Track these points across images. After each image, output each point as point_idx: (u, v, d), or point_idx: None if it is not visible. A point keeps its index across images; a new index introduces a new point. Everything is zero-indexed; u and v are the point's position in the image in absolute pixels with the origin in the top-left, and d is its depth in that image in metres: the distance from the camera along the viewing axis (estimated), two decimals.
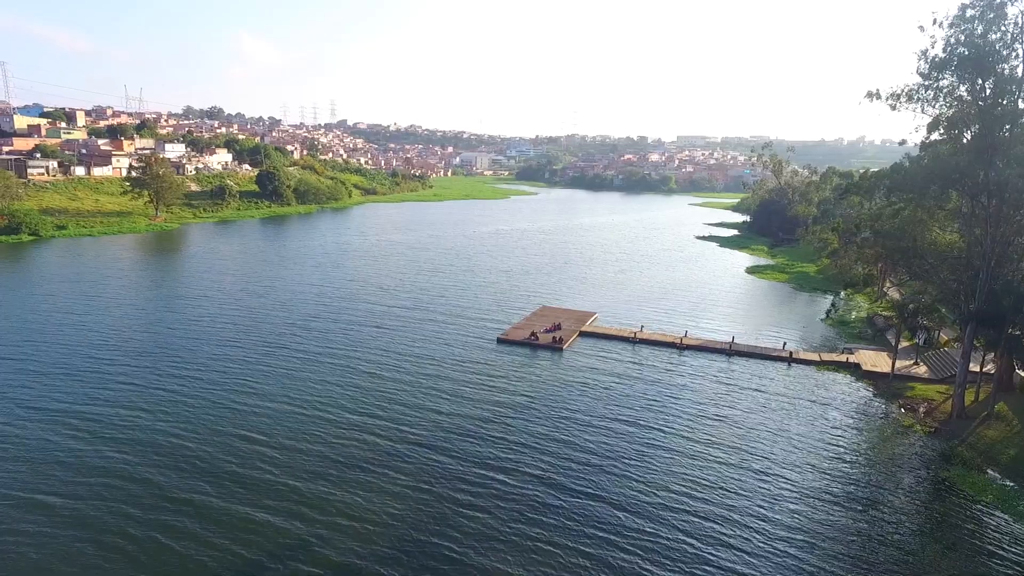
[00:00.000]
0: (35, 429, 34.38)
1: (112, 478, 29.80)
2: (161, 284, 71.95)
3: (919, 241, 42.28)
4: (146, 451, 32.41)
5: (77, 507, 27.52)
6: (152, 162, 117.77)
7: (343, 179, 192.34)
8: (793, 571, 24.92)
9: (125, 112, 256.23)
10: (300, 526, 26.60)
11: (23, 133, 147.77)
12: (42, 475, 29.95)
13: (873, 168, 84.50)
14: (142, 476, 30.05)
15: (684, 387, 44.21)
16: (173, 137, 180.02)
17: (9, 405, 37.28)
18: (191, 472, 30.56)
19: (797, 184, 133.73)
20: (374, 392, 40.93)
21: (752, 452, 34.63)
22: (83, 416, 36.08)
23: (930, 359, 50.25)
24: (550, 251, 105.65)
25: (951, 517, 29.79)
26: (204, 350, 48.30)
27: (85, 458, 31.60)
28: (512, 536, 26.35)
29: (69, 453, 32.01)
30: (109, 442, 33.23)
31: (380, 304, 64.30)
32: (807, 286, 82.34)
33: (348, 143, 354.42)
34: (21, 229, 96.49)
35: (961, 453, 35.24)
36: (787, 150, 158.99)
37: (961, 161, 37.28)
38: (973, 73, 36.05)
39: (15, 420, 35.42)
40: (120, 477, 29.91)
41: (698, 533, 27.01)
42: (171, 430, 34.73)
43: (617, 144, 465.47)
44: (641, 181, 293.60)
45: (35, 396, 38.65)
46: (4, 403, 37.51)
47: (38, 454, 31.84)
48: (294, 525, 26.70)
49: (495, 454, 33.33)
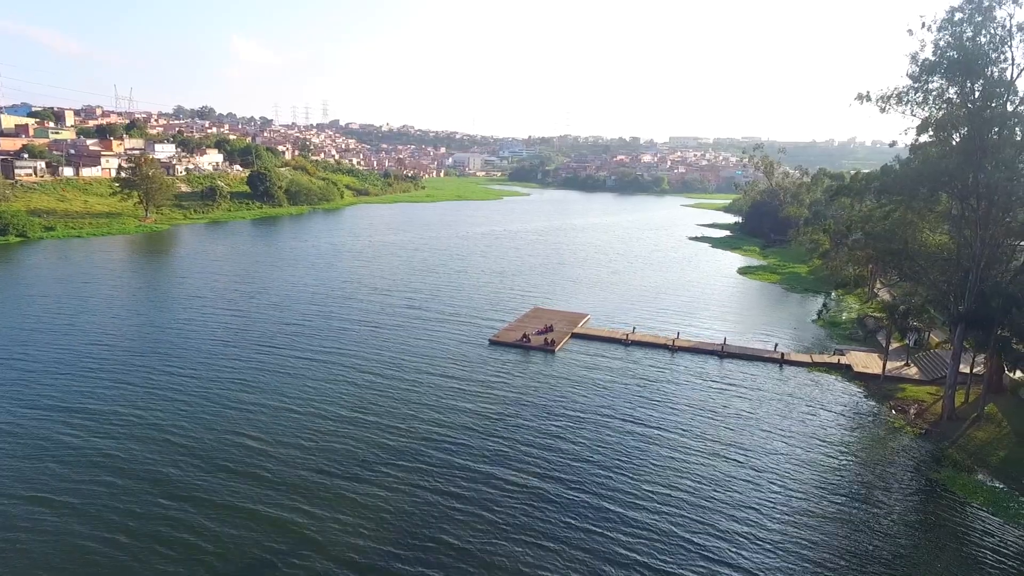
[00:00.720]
0: (33, 427, 34.79)
1: (111, 474, 30.28)
2: (153, 285, 71.47)
3: (910, 243, 42.42)
4: (143, 448, 32.80)
5: (77, 503, 27.87)
6: (142, 163, 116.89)
7: (335, 180, 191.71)
8: (782, 572, 24.89)
9: (115, 112, 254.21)
10: (297, 520, 26.93)
11: (10, 133, 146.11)
12: (42, 471, 30.34)
13: (864, 169, 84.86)
14: (141, 472, 30.50)
15: (676, 389, 44.17)
16: (163, 137, 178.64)
17: (6, 403, 37.66)
18: (189, 468, 30.95)
19: (788, 185, 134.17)
20: (366, 393, 40.73)
21: (744, 453, 34.61)
22: (80, 414, 36.57)
23: (920, 360, 50.47)
24: (543, 252, 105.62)
25: (942, 519, 29.87)
26: (198, 349, 48.43)
27: (84, 455, 32.02)
28: (510, 534, 26.26)
29: (68, 450, 32.42)
30: (107, 439, 33.66)
31: (373, 305, 64.09)
32: (798, 287, 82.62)
33: (340, 143, 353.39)
34: (8, 231, 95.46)
35: (951, 455, 35.37)
36: (778, 151, 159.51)
37: (950, 164, 37.41)
38: (962, 76, 36.15)
39: (13, 418, 35.78)
40: (120, 473, 30.37)
41: (685, 532, 26.92)
42: (167, 427, 35.21)
43: (610, 145, 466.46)
44: (634, 182, 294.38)
45: (33, 395, 39.05)
46: (2, 401, 37.93)
47: (37, 451, 32.22)
48: (292, 519, 27.11)
49: (485, 457, 33.12)
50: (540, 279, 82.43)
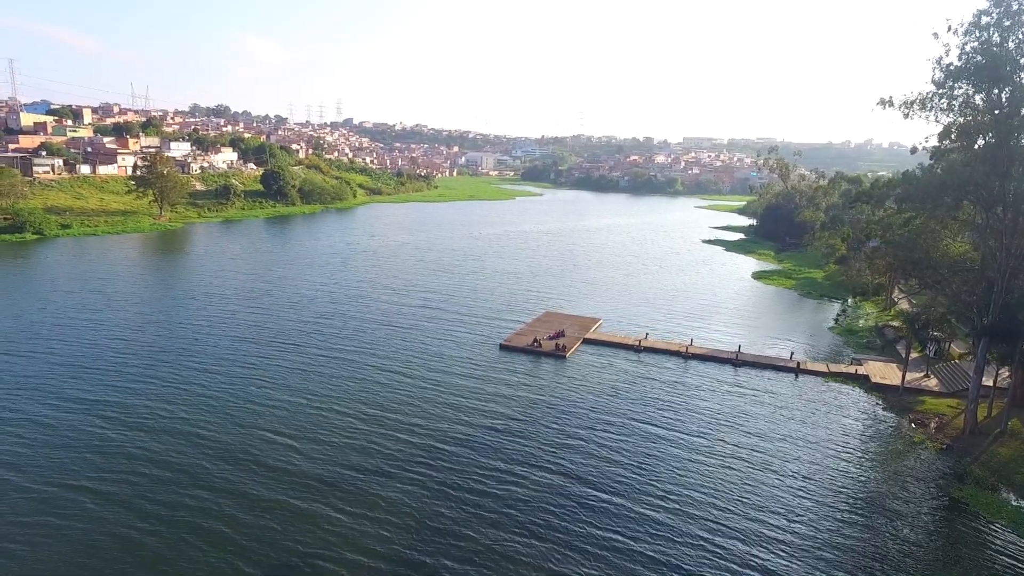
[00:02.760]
0: (68, 419, 36.04)
1: (145, 465, 31.47)
2: (172, 283, 72.62)
3: (932, 252, 41.39)
4: (174, 441, 34.04)
5: (115, 491, 29.15)
6: (157, 161, 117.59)
7: (348, 179, 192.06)
8: None
9: (132, 110, 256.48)
10: (326, 514, 27.97)
11: (29, 131, 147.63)
12: (81, 462, 31.57)
13: (881, 172, 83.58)
14: (174, 464, 31.67)
15: (690, 398, 43.41)
16: (179, 135, 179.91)
17: (40, 396, 39.02)
18: (218, 460, 32.20)
19: (804, 188, 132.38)
20: (383, 393, 41.26)
21: (759, 466, 33.89)
22: (112, 407, 37.80)
23: (941, 372, 49.33)
24: (557, 253, 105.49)
25: (963, 539, 28.99)
26: (220, 345, 50.51)
27: (119, 446, 33.28)
28: (535, 531, 26.31)
29: (103, 441, 33.68)
30: (139, 431, 34.97)
31: (389, 305, 65.17)
32: (814, 292, 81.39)
33: (353, 142, 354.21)
34: (26, 228, 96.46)
35: (974, 471, 34.41)
36: (794, 154, 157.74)
37: (976, 172, 36.36)
38: (989, 82, 35.14)
39: (49, 410, 37.11)
40: (154, 465, 31.50)
41: (700, 547, 26.31)
42: (195, 421, 36.45)
43: (623, 145, 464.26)
44: (647, 183, 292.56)
45: (64, 388, 40.34)
46: (38, 394, 39.24)
47: (74, 442, 33.49)
48: (320, 512, 28.09)
49: (494, 464, 32.73)
50: (556, 280, 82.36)
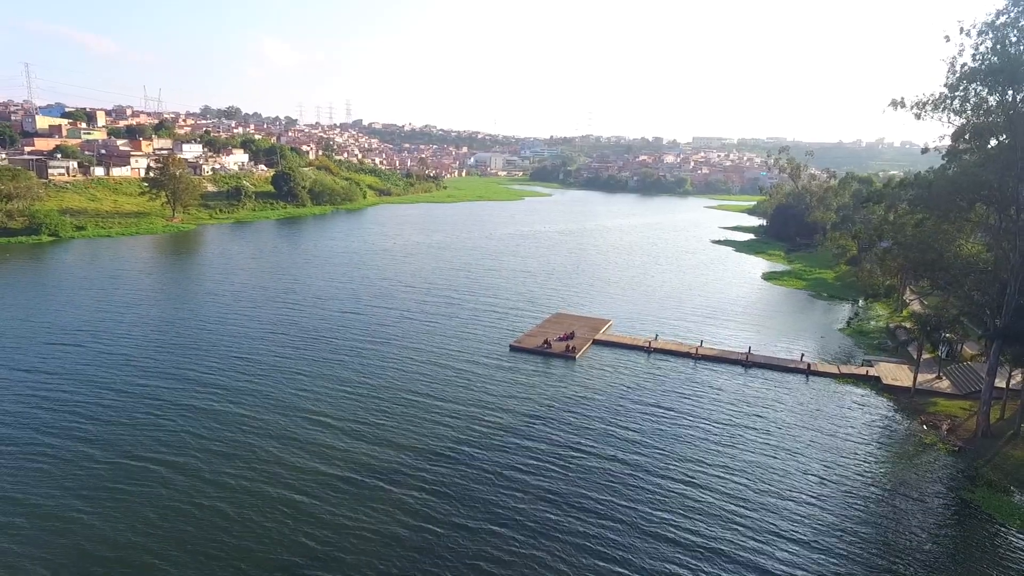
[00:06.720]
0: (122, 406, 39.06)
1: (199, 451, 33.89)
2: (197, 282, 74.55)
3: (944, 253, 41.22)
4: (223, 427, 36.61)
5: (183, 462, 32.41)
6: (169, 163, 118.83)
7: (358, 180, 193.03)
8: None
9: (144, 112, 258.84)
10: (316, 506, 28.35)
11: (44, 133, 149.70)
12: (146, 441, 34.63)
13: (892, 171, 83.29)
14: (225, 449, 34.12)
15: (700, 401, 43.41)
16: (191, 137, 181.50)
17: (97, 383, 42.47)
18: (268, 440, 35.18)
19: (815, 189, 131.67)
20: (394, 394, 41.53)
21: (770, 467, 33.93)
22: (152, 399, 40.17)
23: (953, 373, 49.08)
24: (569, 253, 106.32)
25: (975, 542, 28.93)
26: (250, 341, 52.33)
27: (174, 430, 35.94)
28: (548, 532, 26.41)
29: (159, 431, 35.86)
30: (186, 418, 37.49)
31: (407, 303, 67.14)
32: (824, 293, 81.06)
33: (363, 143, 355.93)
34: (41, 230, 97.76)
35: (986, 474, 34.28)
36: (805, 154, 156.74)
37: (990, 174, 36.21)
38: (1004, 84, 34.99)
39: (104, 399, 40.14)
40: (207, 452, 33.76)
41: (711, 547, 26.43)
42: (242, 412, 38.61)
43: (632, 145, 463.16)
44: (656, 183, 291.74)
45: (112, 378, 43.28)
46: (91, 386, 42.04)
47: (129, 424, 36.56)
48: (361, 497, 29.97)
49: (506, 463, 33.00)
50: (568, 280, 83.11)
